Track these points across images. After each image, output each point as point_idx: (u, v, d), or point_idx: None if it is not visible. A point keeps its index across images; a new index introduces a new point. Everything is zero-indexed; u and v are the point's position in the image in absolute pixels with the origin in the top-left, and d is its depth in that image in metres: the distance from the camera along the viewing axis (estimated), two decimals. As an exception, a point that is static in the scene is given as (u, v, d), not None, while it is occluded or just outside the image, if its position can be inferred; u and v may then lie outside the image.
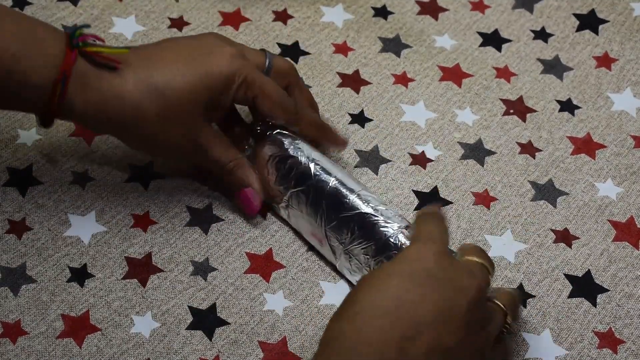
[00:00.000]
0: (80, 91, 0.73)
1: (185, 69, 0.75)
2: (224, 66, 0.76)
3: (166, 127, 0.75)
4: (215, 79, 0.75)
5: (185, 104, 0.75)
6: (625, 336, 0.75)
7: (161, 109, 0.74)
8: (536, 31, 0.96)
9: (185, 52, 0.76)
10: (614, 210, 0.83)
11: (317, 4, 0.97)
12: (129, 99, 0.73)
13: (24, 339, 0.73)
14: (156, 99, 0.74)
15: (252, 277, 0.78)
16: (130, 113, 0.74)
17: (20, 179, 0.82)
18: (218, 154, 0.78)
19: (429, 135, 0.87)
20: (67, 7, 0.95)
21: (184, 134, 0.76)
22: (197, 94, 0.75)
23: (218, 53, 0.76)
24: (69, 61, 0.72)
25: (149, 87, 0.74)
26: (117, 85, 0.73)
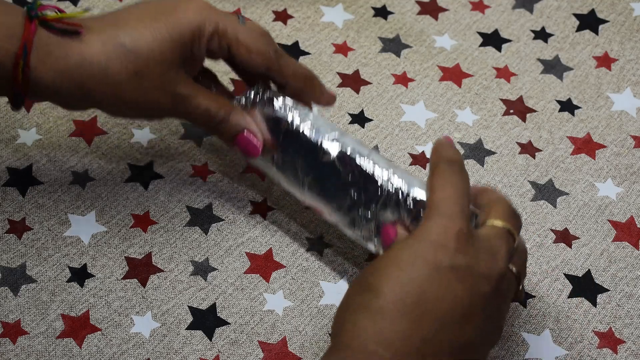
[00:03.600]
0: (44, 61, 0.70)
1: (152, 25, 0.72)
2: (192, 17, 0.73)
3: (140, 83, 0.72)
4: (184, 30, 0.73)
5: (157, 58, 0.72)
6: (625, 336, 0.75)
7: (131, 66, 0.72)
8: (536, 31, 0.96)
9: (151, 10, 0.74)
10: (614, 210, 0.83)
11: (317, 4, 0.97)
12: (97, 62, 0.71)
13: (24, 338, 0.73)
14: (125, 57, 0.71)
15: (252, 277, 0.78)
16: (101, 76, 0.71)
17: (20, 179, 0.82)
18: (205, 102, 0.75)
19: (429, 135, 0.87)
20: (67, 7, 0.95)
21: (161, 88, 0.73)
22: (168, 48, 0.72)
23: (184, 6, 0.74)
24: (28, 32, 0.70)
25: (116, 46, 0.71)
26: (82, 50, 0.71)
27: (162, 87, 0.73)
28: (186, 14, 0.73)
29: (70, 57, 0.71)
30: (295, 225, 0.81)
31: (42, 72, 0.70)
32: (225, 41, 0.75)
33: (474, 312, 0.62)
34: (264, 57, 0.75)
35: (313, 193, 0.75)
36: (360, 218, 0.73)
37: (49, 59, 0.70)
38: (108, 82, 0.71)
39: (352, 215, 0.73)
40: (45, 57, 0.70)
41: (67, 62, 0.71)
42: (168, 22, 0.73)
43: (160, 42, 0.72)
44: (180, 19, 0.73)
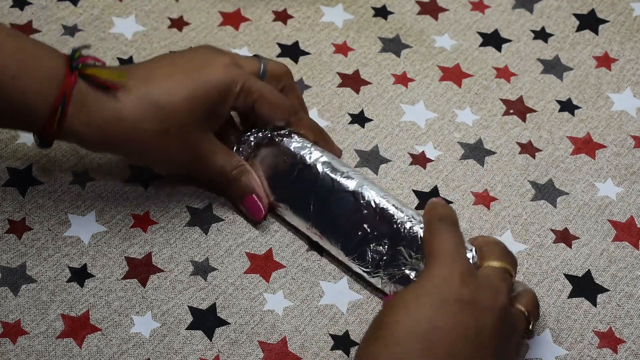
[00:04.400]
0: (79, 112, 0.73)
1: (182, 82, 0.75)
2: (220, 76, 0.76)
3: (167, 141, 0.75)
4: (212, 89, 0.76)
5: (185, 117, 0.75)
6: (625, 336, 0.75)
7: (161, 124, 0.74)
8: (536, 31, 0.96)
9: (180, 66, 0.77)
10: (614, 210, 0.83)
11: (317, 4, 0.97)
12: (130, 119, 0.73)
13: (24, 338, 0.73)
14: (156, 114, 0.74)
15: (252, 277, 0.78)
16: (132, 132, 0.74)
17: (20, 179, 0.82)
18: (221, 161, 0.78)
19: (429, 135, 0.87)
20: (67, 7, 0.95)
21: (185, 146, 0.76)
22: (196, 106, 0.75)
23: (213, 64, 0.77)
24: (68, 82, 0.72)
25: (148, 104, 0.74)
26: (116, 107, 0.73)
27: (186, 145, 0.76)
28: (215, 73, 0.76)
29: (104, 112, 0.73)
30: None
31: (75, 122, 0.73)
32: (251, 99, 0.78)
33: (482, 343, 0.65)
34: (285, 112, 0.80)
35: (322, 227, 0.77)
36: (371, 253, 0.75)
37: (84, 110, 0.73)
38: (137, 138, 0.74)
39: (361, 249, 0.75)
40: (80, 108, 0.73)
41: (100, 116, 0.73)
42: (198, 79, 0.76)
43: (189, 100, 0.75)
44: (210, 77, 0.76)
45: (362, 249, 0.75)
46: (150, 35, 0.94)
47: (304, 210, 0.78)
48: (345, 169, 0.78)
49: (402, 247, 0.74)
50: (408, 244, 0.73)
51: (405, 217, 0.74)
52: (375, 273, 0.75)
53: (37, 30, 0.93)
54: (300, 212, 0.78)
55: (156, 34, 0.94)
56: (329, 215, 0.77)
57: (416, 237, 0.73)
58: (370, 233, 0.75)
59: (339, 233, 0.76)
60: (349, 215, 0.76)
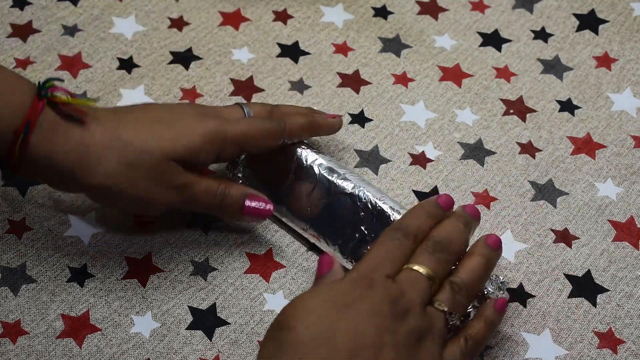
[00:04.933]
0: (44, 141, 0.71)
1: (156, 130, 0.74)
2: (200, 130, 0.74)
3: (133, 173, 0.73)
4: (191, 142, 0.74)
5: (153, 153, 0.73)
6: (625, 336, 0.75)
7: (125, 157, 0.72)
8: (536, 31, 0.96)
9: (156, 114, 0.75)
10: (614, 210, 0.83)
11: (317, 4, 0.97)
12: (93, 149, 0.71)
13: (24, 338, 0.73)
14: (120, 148, 0.72)
15: (252, 277, 0.78)
16: (94, 162, 0.71)
17: (20, 178, 0.82)
18: (205, 184, 0.75)
19: (429, 135, 0.87)
20: (67, 7, 0.95)
21: (158, 181, 0.73)
22: (169, 155, 0.73)
23: (192, 117, 0.75)
24: (35, 110, 0.70)
25: (113, 139, 0.72)
26: (83, 134, 0.72)
27: (158, 180, 0.73)
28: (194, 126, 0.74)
29: (71, 139, 0.71)
30: (295, 225, 0.81)
31: (39, 151, 0.71)
32: (239, 146, 0.76)
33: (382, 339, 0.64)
34: (274, 137, 0.78)
35: (320, 228, 0.77)
36: None
37: (49, 139, 0.71)
38: (101, 170, 0.72)
39: (359, 251, 0.76)
40: (46, 136, 0.71)
41: (67, 143, 0.71)
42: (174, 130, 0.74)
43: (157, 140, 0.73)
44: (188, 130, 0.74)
45: (359, 251, 0.75)
46: (150, 35, 0.94)
47: (302, 212, 0.78)
48: (342, 171, 0.78)
49: None
50: None
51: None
52: None
53: (37, 30, 0.93)
54: (298, 214, 0.78)
55: (156, 34, 0.94)
56: (327, 217, 0.77)
57: None
58: (367, 235, 0.75)
59: (336, 235, 0.77)
60: (346, 217, 0.76)
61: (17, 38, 0.93)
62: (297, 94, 0.90)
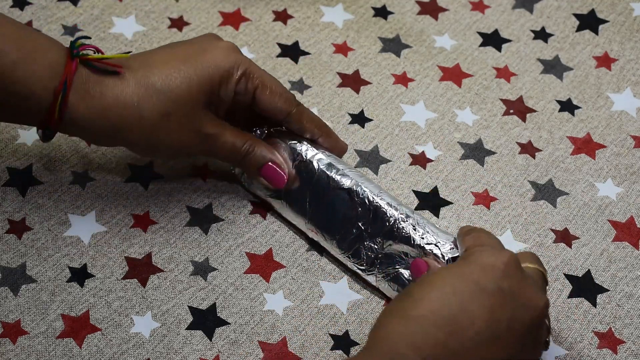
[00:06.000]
0: (81, 99, 0.72)
1: (181, 66, 0.75)
2: (221, 59, 0.76)
3: (169, 124, 0.75)
4: (213, 72, 0.76)
5: (185, 99, 0.75)
6: (625, 336, 0.75)
7: (161, 107, 0.74)
8: (536, 31, 0.96)
9: (181, 51, 0.76)
10: (614, 210, 0.83)
11: (317, 4, 0.97)
12: (129, 102, 0.73)
13: (24, 338, 0.73)
14: (155, 98, 0.74)
15: (252, 277, 0.78)
16: (132, 116, 0.73)
17: (20, 179, 0.82)
18: (231, 138, 0.77)
19: (429, 135, 0.87)
20: (67, 7, 0.95)
21: (189, 129, 0.75)
22: (196, 89, 0.75)
23: (214, 48, 0.77)
24: (69, 69, 0.72)
25: (147, 87, 0.74)
26: (116, 92, 0.73)
27: (189, 127, 0.75)
28: (215, 57, 0.76)
29: (105, 97, 0.73)
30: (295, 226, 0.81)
31: (78, 109, 0.72)
32: (252, 84, 0.77)
33: (508, 338, 0.64)
34: (287, 101, 0.78)
35: (318, 223, 0.77)
36: (366, 250, 0.75)
37: (85, 97, 0.72)
38: (140, 123, 0.74)
39: (356, 247, 0.76)
40: (82, 95, 0.72)
41: (102, 102, 0.73)
42: (197, 64, 0.75)
43: (188, 84, 0.75)
44: (209, 62, 0.76)
45: (356, 247, 0.75)
46: (150, 35, 0.94)
47: (301, 207, 0.78)
48: (341, 167, 0.78)
49: (396, 245, 0.74)
50: (401, 242, 0.74)
51: (399, 216, 0.74)
52: (370, 271, 0.75)
53: (37, 30, 0.93)
54: (297, 208, 0.78)
55: (156, 34, 0.94)
56: (325, 213, 0.77)
57: (409, 237, 0.73)
58: (364, 231, 0.75)
59: (334, 230, 0.77)
60: (344, 212, 0.76)
61: (17, 38, 0.93)
62: (297, 94, 0.90)
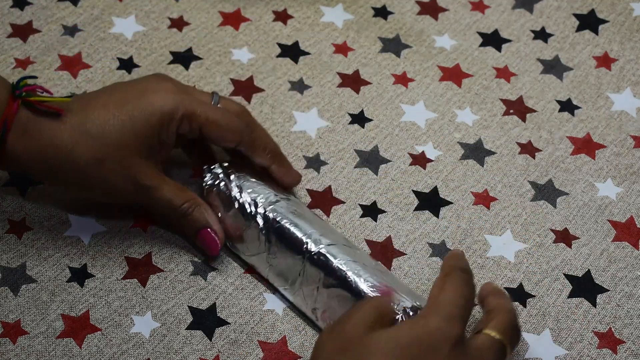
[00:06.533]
0: (19, 138, 0.73)
1: (117, 111, 0.74)
2: (160, 103, 0.75)
3: (104, 171, 0.74)
4: (150, 117, 0.74)
5: (119, 145, 0.74)
6: (625, 336, 0.75)
7: (94, 152, 0.74)
8: (536, 31, 0.96)
9: (120, 95, 0.76)
10: (614, 210, 0.83)
11: (317, 4, 0.97)
12: (63, 145, 0.73)
13: (24, 338, 0.73)
14: (89, 142, 0.74)
15: (252, 277, 0.78)
16: (67, 159, 0.73)
17: (20, 179, 0.82)
18: (169, 194, 0.76)
19: (429, 135, 0.87)
20: (67, 7, 0.95)
21: (123, 175, 0.74)
22: (131, 135, 0.74)
23: (153, 92, 0.75)
24: (10, 110, 0.72)
25: (82, 133, 0.74)
26: (53, 134, 0.73)
27: (124, 175, 0.75)
28: (153, 101, 0.75)
29: (42, 138, 0.73)
30: (295, 225, 0.81)
31: (16, 148, 0.73)
32: (196, 123, 0.76)
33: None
34: (235, 133, 0.77)
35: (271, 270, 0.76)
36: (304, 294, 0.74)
37: (24, 136, 0.73)
38: (72, 166, 0.74)
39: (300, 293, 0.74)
40: (21, 134, 0.73)
41: (39, 142, 0.73)
42: (133, 109, 0.75)
43: (121, 130, 0.74)
44: (147, 106, 0.75)
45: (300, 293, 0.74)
46: (150, 35, 0.94)
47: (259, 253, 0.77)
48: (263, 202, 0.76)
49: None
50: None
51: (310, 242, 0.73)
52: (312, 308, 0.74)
53: (37, 30, 0.93)
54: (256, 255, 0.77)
55: (156, 34, 0.94)
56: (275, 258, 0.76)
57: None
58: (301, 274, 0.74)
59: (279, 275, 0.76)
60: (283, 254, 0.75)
61: (17, 38, 0.93)
62: (297, 94, 0.90)
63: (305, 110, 0.88)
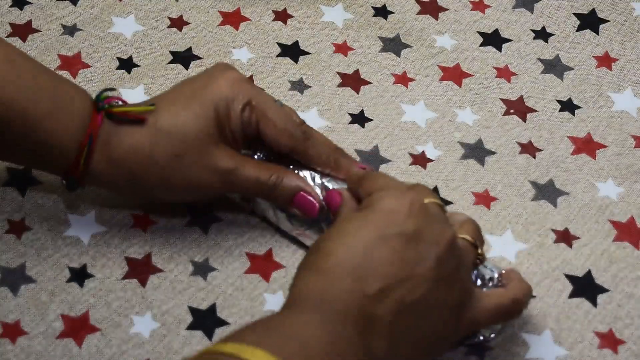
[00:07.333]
0: (104, 150, 0.73)
1: (186, 103, 0.75)
2: (225, 90, 0.75)
3: (181, 164, 0.74)
4: (217, 104, 0.75)
5: (194, 137, 0.74)
6: (625, 336, 0.75)
7: (171, 148, 0.74)
8: (536, 31, 0.96)
9: (187, 87, 0.76)
10: (615, 210, 0.83)
11: (317, 4, 0.97)
12: (142, 148, 0.74)
13: (24, 339, 0.73)
14: (164, 140, 0.74)
15: (252, 277, 0.78)
16: (145, 161, 0.74)
17: (20, 179, 0.82)
18: (254, 171, 0.76)
19: (429, 135, 0.87)
20: (67, 6, 0.95)
21: (204, 165, 0.75)
22: (203, 125, 0.74)
23: (219, 79, 0.76)
24: (95, 123, 0.73)
25: (157, 131, 0.74)
26: (132, 140, 0.74)
27: (204, 165, 0.75)
28: (218, 88, 0.76)
29: (122, 146, 0.74)
30: (295, 225, 0.81)
31: (100, 159, 0.74)
32: (255, 115, 0.76)
33: (424, 274, 0.65)
34: (290, 137, 0.77)
35: None
36: None
37: (106, 147, 0.73)
38: (153, 168, 0.74)
39: None
40: (103, 146, 0.73)
41: (119, 151, 0.74)
42: (201, 99, 0.75)
43: (194, 121, 0.74)
44: (213, 94, 0.75)
45: None
46: (149, 35, 0.94)
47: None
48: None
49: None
50: None
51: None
52: None
53: (36, 29, 0.93)
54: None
55: (156, 34, 0.94)
56: None
57: None
58: None
59: None
60: None
61: (16, 38, 0.92)
62: (297, 94, 0.89)
63: (305, 110, 0.88)
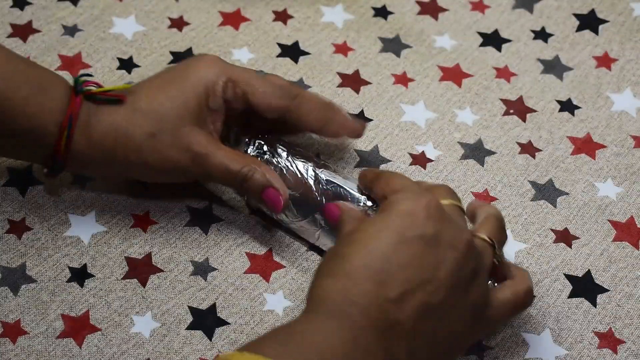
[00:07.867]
0: (84, 132, 0.75)
1: (164, 87, 0.77)
2: (204, 72, 0.77)
3: (155, 143, 0.75)
4: (196, 86, 0.76)
5: (170, 118, 0.75)
6: (625, 336, 0.75)
7: (147, 127, 0.75)
8: (536, 31, 0.96)
9: (167, 74, 0.78)
10: (614, 210, 0.83)
11: (317, 4, 0.97)
12: (122, 127, 0.75)
13: (24, 338, 0.73)
14: (141, 119, 0.75)
15: (252, 277, 0.78)
16: (123, 140, 0.75)
17: (20, 179, 0.82)
18: (225, 160, 0.76)
19: (429, 135, 0.87)
20: (67, 7, 0.95)
21: (177, 146, 0.75)
22: (181, 106, 0.76)
23: (196, 63, 0.78)
24: (75, 104, 0.74)
25: (134, 111, 0.75)
26: (111, 119, 0.75)
27: (177, 145, 0.76)
28: (197, 71, 0.77)
29: (101, 125, 0.75)
30: (295, 225, 0.81)
31: (81, 141, 0.75)
32: (240, 89, 0.77)
33: (443, 278, 0.65)
34: (280, 98, 0.77)
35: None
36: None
37: (86, 128, 0.75)
38: (130, 146, 0.75)
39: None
40: (83, 127, 0.75)
41: (98, 130, 0.75)
42: (180, 83, 0.77)
43: (170, 103, 0.76)
44: (192, 77, 0.77)
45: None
46: (150, 35, 0.94)
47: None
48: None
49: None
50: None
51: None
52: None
53: (37, 30, 0.93)
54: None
55: (156, 34, 0.94)
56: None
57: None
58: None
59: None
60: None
61: (17, 38, 0.93)
62: (297, 94, 0.89)
63: (305, 110, 0.88)
